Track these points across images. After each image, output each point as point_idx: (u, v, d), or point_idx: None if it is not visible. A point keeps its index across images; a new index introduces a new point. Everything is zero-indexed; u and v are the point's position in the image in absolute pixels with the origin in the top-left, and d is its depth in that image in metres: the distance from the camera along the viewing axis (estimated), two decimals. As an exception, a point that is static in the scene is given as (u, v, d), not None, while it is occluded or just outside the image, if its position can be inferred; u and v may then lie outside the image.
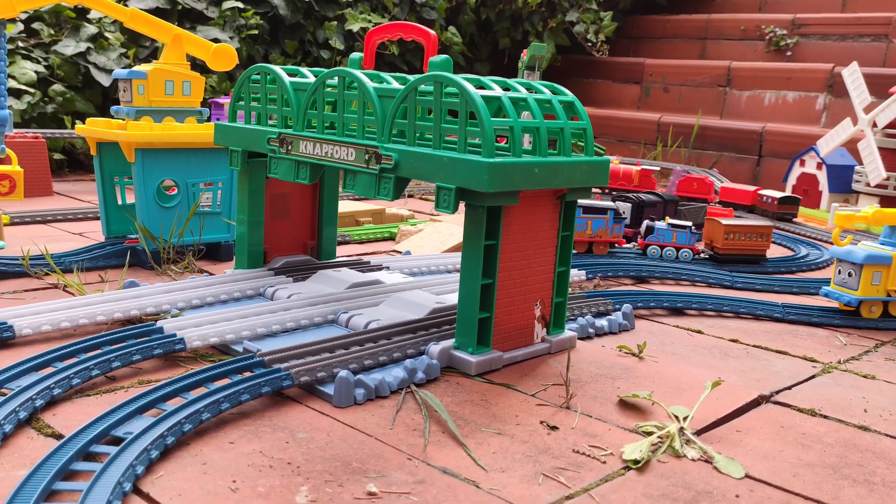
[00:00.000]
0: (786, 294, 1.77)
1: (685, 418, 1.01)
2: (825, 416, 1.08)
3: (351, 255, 1.82)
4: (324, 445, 0.89)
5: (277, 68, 1.37)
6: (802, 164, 3.12)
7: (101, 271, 1.57)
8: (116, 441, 0.84)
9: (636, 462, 0.89)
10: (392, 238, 2.12)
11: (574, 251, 1.77)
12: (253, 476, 0.81)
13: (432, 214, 2.50)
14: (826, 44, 4.19)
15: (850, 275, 1.52)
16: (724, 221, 1.99)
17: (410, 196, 2.93)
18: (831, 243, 2.52)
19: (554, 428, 0.98)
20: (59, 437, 0.87)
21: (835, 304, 1.70)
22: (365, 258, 1.68)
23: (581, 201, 1.72)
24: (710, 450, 0.93)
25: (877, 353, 1.38)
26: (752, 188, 2.89)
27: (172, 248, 1.62)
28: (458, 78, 1.10)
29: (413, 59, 3.91)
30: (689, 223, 1.99)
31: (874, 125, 2.85)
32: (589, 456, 0.91)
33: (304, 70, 1.41)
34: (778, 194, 2.80)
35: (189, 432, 0.87)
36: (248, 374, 1.02)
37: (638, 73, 4.52)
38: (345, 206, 2.25)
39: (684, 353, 1.31)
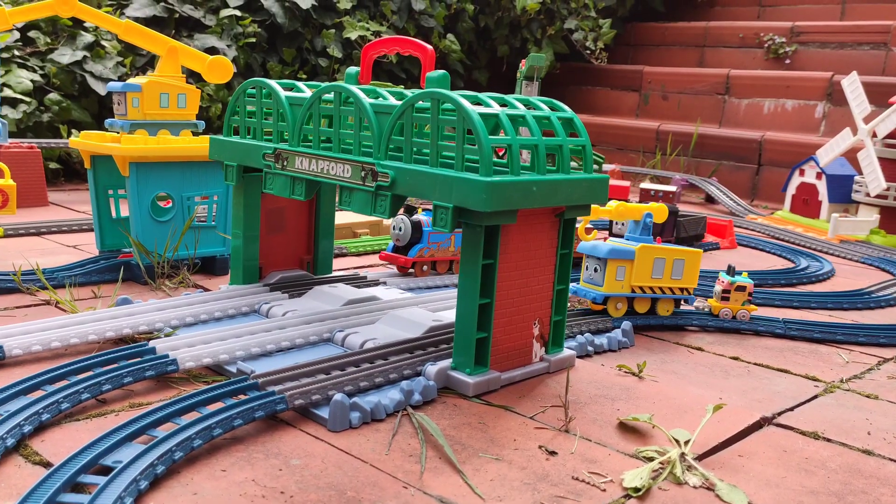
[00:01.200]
0: (786, 308, 1.76)
1: (686, 442, 0.99)
2: (828, 440, 1.06)
3: (348, 269, 1.80)
4: (318, 473, 0.87)
5: (273, 83, 1.35)
6: (802, 173, 3.10)
7: (94, 286, 1.55)
8: (106, 470, 0.82)
9: (636, 490, 0.87)
10: (389, 250, 2.10)
11: (436, 271, 1.75)
12: (245, 506, 0.79)
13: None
14: (825, 52, 4.19)
15: (595, 270, 1.47)
16: None
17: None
18: (829, 254, 2.51)
19: (553, 453, 0.96)
20: (47, 464, 0.85)
21: (839, 319, 1.68)
22: (361, 272, 1.66)
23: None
24: (713, 476, 0.91)
25: (879, 371, 1.37)
26: (626, 183, 3.02)
27: (167, 263, 1.60)
28: (455, 95, 1.09)
29: (411, 67, 3.89)
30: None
31: (874, 135, 2.84)
32: (588, 483, 0.89)
33: (301, 84, 1.40)
34: (660, 188, 2.82)
35: (180, 460, 0.85)
36: (241, 396, 1.00)
37: (637, 80, 4.51)
38: (342, 217, 2.23)
39: (685, 371, 1.30)
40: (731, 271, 1.56)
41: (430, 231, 1.69)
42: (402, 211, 1.73)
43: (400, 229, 1.71)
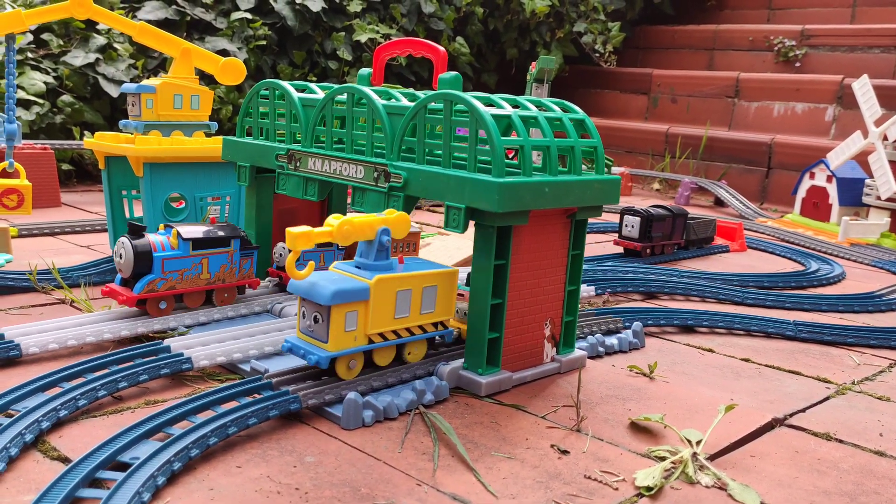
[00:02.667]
0: (797, 311, 1.76)
1: (698, 442, 0.99)
2: (840, 441, 1.06)
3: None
4: (332, 470, 0.88)
5: (286, 84, 1.36)
6: (812, 176, 3.10)
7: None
8: (123, 466, 0.83)
9: (649, 489, 0.88)
10: (400, 251, 2.11)
11: (184, 305, 1.33)
12: (261, 502, 0.80)
13: (440, 227, 2.49)
14: (835, 55, 4.18)
15: (316, 320, 1.04)
16: None
17: (418, 208, 2.92)
18: (839, 257, 2.50)
19: (565, 452, 0.96)
20: (65, 460, 0.86)
21: (850, 322, 1.68)
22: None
23: (187, 230, 1.28)
24: (725, 476, 0.92)
25: (891, 374, 1.37)
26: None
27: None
28: (468, 96, 1.09)
29: (421, 69, 3.91)
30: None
31: (885, 138, 2.83)
32: (601, 482, 0.90)
33: (313, 86, 1.41)
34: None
35: (196, 457, 0.86)
36: (255, 396, 1.01)
37: (646, 83, 4.51)
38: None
39: (696, 372, 1.30)
40: None
41: (166, 257, 1.26)
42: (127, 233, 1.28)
43: (121, 256, 1.25)
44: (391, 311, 1.08)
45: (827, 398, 1.22)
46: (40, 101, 2.77)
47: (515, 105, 1.18)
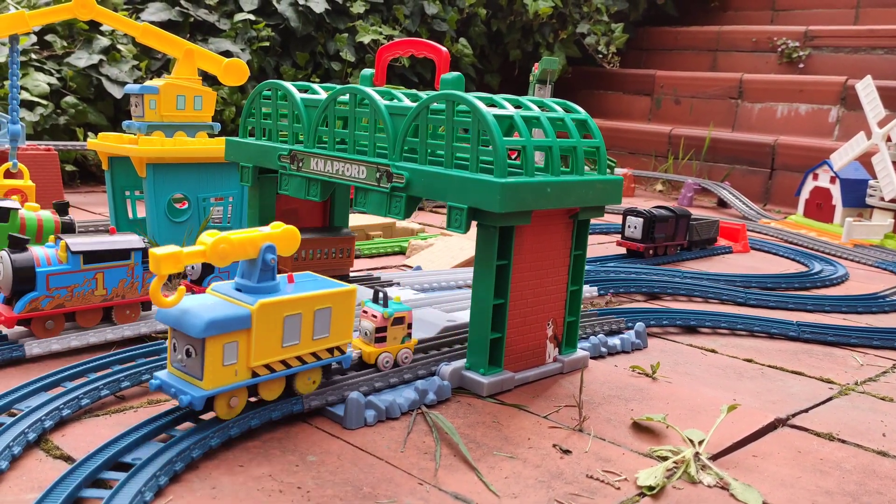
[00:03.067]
0: (800, 311, 1.75)
1: (700, 442, 0.99)
2: (843, 441, 1.06)
3: (361, 270, 1.81)
4: (334, 469, 0.88)
5: (288, 84, 1.37)
6: (815, 177, 3.09)
7: (111, 286, 1.57)
8: (126, 467, 0.83)
9: (651, 488, 0.88)
10: (402, 252, 2.12)
11: (76, 325, 1.20)
12: (263, 501, 0.80)
13: (443, 228, 2.50)
14: (839, 56, 4.17)
15: (189, 354, 0.89)
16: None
17: (421, 209, 2.92)
18: (843, 258, 2.50)
19: (567, 452, 0.96)
20: (67, 458, 0.86)
21: (853, 322, 1.68)
22: (375, 273, 1.67)
23: (77, 242, 1.17)
24: (727, 476, 0.92)
25: (894, 374, 1.36)
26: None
27: (183, 263, 1.62)
28: (470, 96, 1.09)
29: (423, 70, 3.91)
30: None
31: (888, 139, 2.83)
32: (603, 482, 0.89)
33: (315, 86, 1.41)
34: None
35: (198, 458, 0.86)
36: (257, 394, 1.01)
37: (649, 84, 4.51)
38: (355, 219, 2.24)
39: (698, 373, 1.30)
40: (380, 298, 1.11)
41: (52, 272, 1.14)
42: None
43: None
44: (278, 339, 0.93)
45: (830, 399, 1.22)
46: (44, 102, 2.78)
47: (518, 105, 1.18)
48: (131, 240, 1.23)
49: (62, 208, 1.26)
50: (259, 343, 0.91)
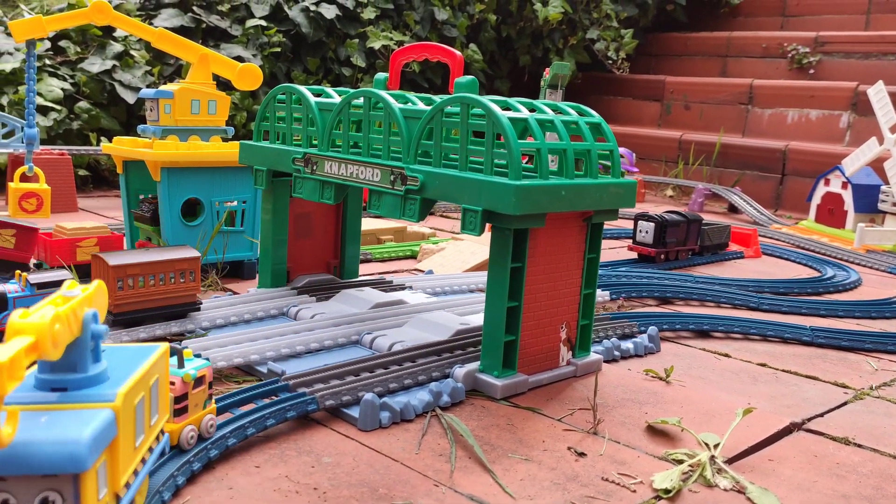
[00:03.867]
0: (813, 316, 1.75)
1: (716, 446, 0.99)
2: (859, 445, 1.05)
3: (373, 274, 1.81)
4: (350, 470, 0.88)
5: (303, 88, 1.37)
6: (827, 183, 3.08)
7: (125, 289, 1.58)
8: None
9: (667, 491, 0.88)
10: (414, 256, 2.12)
11: None
12: (279, 502, 0.80)
13: (454, 232, 2.50)
14: (849, 62, 4.16)
15: None
16: (115, 261, 1.21)
17: (431, 213, 2.93)
18: (855, 263, 2.48)
19: (582, 454, 0.96)
20: (85, 459, 0.86)
21: (864, 327, 1.67)
22: (387, 277, 1.68)
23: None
24: (743, 479, 0.91)
25: (909, 379, 1.36)
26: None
27: (196, 267, 1.62)
28: (485, 99, 1.10)
29: (433, 75, 3.92)
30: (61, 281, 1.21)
31: (900, 144, 2.82)
32: (618, 484, 0.89)
33: (329, 90, 1.42)
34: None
35: (215, 458, 0.87)
36: (273, 397, 1.02)
37: (659, 90, 4.51)
38: (366, 223, 2.25)
39: (712, 377, 1.29)
40: (176, 355, 0.85)
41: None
42: None
43: None
44: (133, 439, 0.68)
45: (845, 403, 1.21)
46: (58, 107, 2.80)
47: (532, 108, 1.19)
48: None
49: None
50: (124, 451, 0.65)
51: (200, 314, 1.31)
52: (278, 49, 3.34)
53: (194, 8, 3.26)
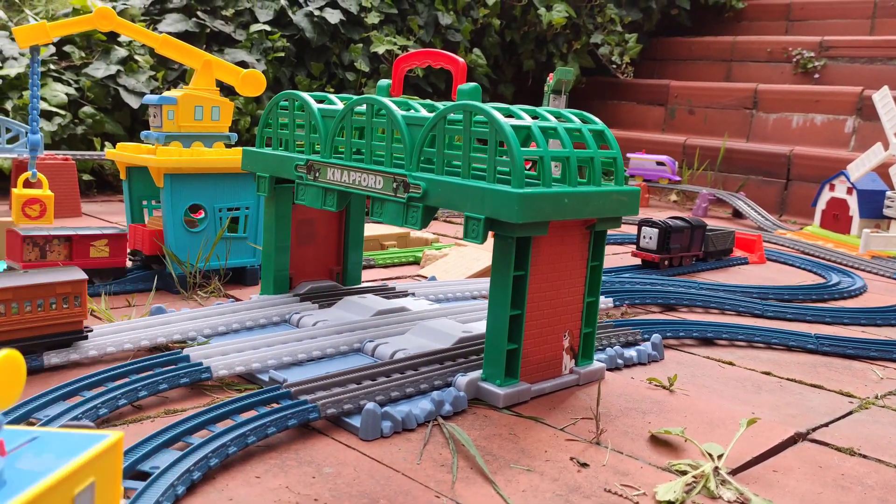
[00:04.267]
0: (818, 324, 1.74)
1: (720, 457, 0.98)
2: (864, 456, 1.04)
3: (376, 280, 1.81)
4: (350, 481, 0.88)
5: (306, 95, 1.37)
6: (832, 188, 3.07)
7: (128, 295, 1.58)
8: (143, 475, 0.83)
9: (670, 503, 0.87)
10: (416, 262, 2.11)
11: None
12: (279, 513, 0.80)
13: (457, 238, 2.49)
14: (854, 66, 4.15)
15: None
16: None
17: (435, 218, 2.92)
18: (860, 269, 2.47)
19: (584, 465, 0.96)
20: (85, 468, 0.86)
21: (870, 335, 1.66)
22: (390, 284, 1.67)
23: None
24: (747, 491, 0.91)
25: (915, 388, 1.35)
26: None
27: (199, 273, 1.62)
28: (488, 107, 1.09)
29: (437, 81, 3.92)
30: None
31: (906, 150, 2.80)
32: (621, 496, 0.89)
33: (332, 97, 1.42)
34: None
35: (215, 466, 0.86)
36: (274, 405, 1.01)
37: (663, 95, 4.50)
38: (369, 229, 2.25)
39: (716, 386, 1.29)
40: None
41: None
42: None
43: None
44: None
45: (850, 413, 1.20)
46: (62, 112, 2.81)
47: (535, 116, 1.18)
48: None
49: None
50: None
51: (88, 342, 1.18)
52: (282, 54, 3.35)
53: (198, 13, 3.27)
